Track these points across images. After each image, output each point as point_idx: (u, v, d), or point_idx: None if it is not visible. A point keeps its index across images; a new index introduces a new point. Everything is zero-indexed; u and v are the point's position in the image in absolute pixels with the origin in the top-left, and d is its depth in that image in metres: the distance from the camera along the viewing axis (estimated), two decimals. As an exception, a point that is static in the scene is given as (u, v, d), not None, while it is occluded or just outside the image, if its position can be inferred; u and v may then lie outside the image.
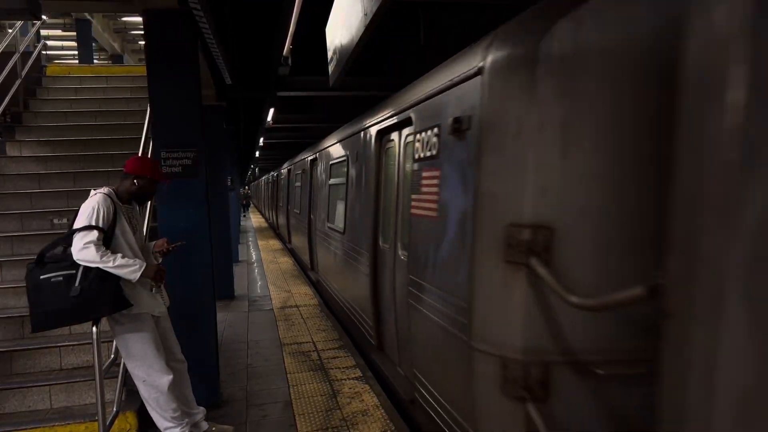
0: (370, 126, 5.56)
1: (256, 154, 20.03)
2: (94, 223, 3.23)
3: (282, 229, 17.20)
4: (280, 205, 17.24)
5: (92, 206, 3.27)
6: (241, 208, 26.93)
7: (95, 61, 18.63)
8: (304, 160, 11.46)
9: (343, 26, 4.31)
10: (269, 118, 9.53)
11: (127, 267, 3.26)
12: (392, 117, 4.70)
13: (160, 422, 3.58)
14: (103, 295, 3.21)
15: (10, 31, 8.27)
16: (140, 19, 4.41)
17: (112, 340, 3.75)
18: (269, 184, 24.90)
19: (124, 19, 19.28)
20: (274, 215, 20.69)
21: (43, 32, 10.86)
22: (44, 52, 9.61)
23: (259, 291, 9.63)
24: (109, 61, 20.97)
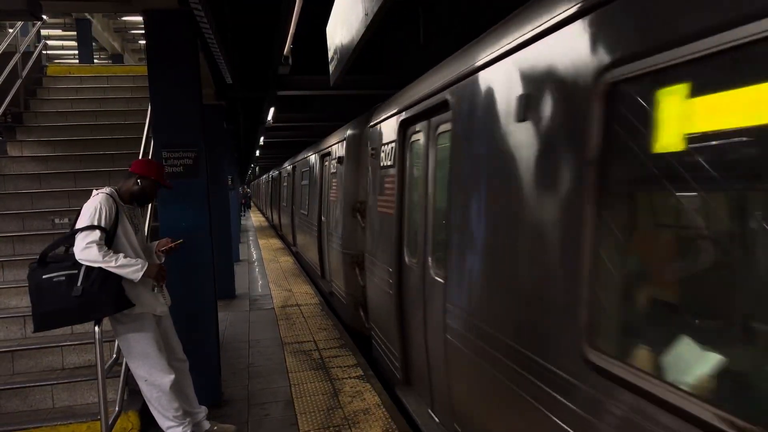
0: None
1: (256, 153, 20.04)
2: (96, 223, 3.24)
3: (285, 229, 16.35)
4: (284, 205, 16.30)
5: (94, 206, 3.28)
6: (241, 207, 26.90)
7: (95, 61, 18.64)
8: (314, 155, 10.46)
9: (344, 26, 4.33)
10: (269, 117, 9.54)
11: (129, 267, 3.27)
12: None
13: (162, 421, 3.59)
14: (105, 295, 3.22)
15: (10, 31, 8.27)
16: (140, 19, 4.42)
17: (114, 340, 3.76)
18: (270, 182, 24.02)
19: (124, 19, 19.30)
20: (277, 215, 19.85)
21: (43, 32, 10.86)
22: (44, 52, 9.61)
23: (260, 290, 9.64)
24: (109, 61, 20.99)
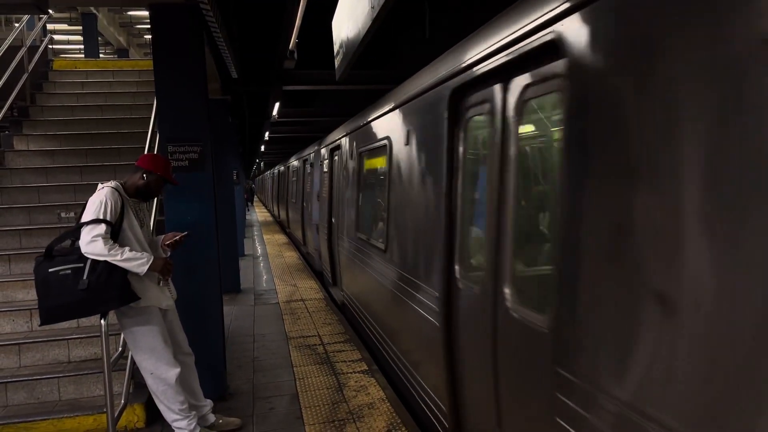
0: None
1: (261, 148, 20.04)
2: (101, 217, 3.24)
3: (294, 225, 15.13)
4: (293, 201, 14.78)
5: (100, 200, 3.29)
6: (245, 203, 26.92)
7: (101, 55, 18.67)
8: (325, 147, 9.34)
9: (350, 20, 4.30)
10: (275, 112, 9.53)
11: (134, 260, 3.28)
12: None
13: (168, 414, 3.60)
14: (110, 289, 3.23)
15: (16, 25, 8.29)
16: (145, 13, 4.42)
17: (120, 333, 3.77)
18: (276, 177, 23.24)
19: (130, 14, 19.29)
20: (284, 211, 18.59)
21: (49, 27, 10.90)
22: (50, 47, 9.63)
23: (265, 285, 9.66)
24: (115, 55, 21.01)
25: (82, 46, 17.06)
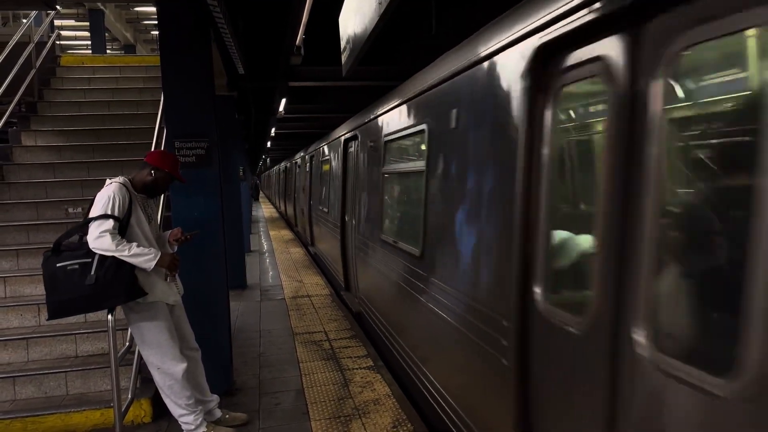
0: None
1: (267, 144, 20.05)
2: (109, 212, 3.25)
3: (301, 220, 14.30)
4: (310, 201, 12.84)
5: (108, 195, 3.30)
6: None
7: (108, 51, 18.73)
8: (337, 139, 8.48)
9: (357, 15, 4.28)
10: (281, 108, 9.53)
11: (142, 256, 3.29)
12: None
13: (174, 409, 3.62)
14: (118, 284, 3.24)
15: (24, 21, 8.32)
16: (152, 9, 4.42)
17: (127, 329, 3.79)
18: (283, 173, 22.51)
19: (137, 9, 19.32)
20: (291, 207, 17.74)
21: (57, 22, 10.92)
22: (58, 42, 9.66)
23: (271, 281, 9.68)
24: (122, 51, 21.07)
25: (90, 42, 17.12)
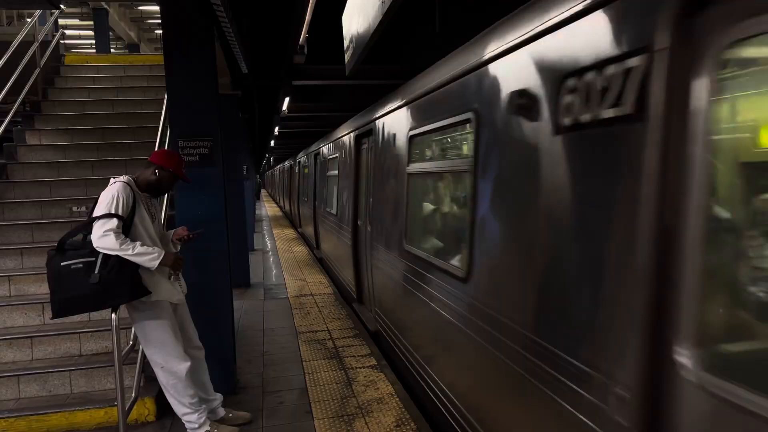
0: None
1: (271, 143, 20.05)
2: (113, 211, 3.25)
3: (305, 221, 13.80)
4: (305, 200, 12.52)
5: (112, 194, 3.30)
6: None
7: (112, 50, 18.76)
8: (347, 135, 7.81)
9: (360, 14, 4.28)
10: (284, 107, 9.53)
11: (146, 255, 3.29)
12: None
13: (178, 408, 3.62)
14: (122, 283, 3.25)
15: (28, 20, 8.34)
16: (156, 8, 4.42)
17: (131, 327, 3.80)
18: (287, 171, 22.16)
19: (141, 9, 19.36)
20: (296, 207, 17.13)
21: (61, 22, 10.96)
22: (62, 42, 9.68)
23: (274, 279, 9.69)
24: (126, 50, 21.11)
25: (94, 41, 17.16)
